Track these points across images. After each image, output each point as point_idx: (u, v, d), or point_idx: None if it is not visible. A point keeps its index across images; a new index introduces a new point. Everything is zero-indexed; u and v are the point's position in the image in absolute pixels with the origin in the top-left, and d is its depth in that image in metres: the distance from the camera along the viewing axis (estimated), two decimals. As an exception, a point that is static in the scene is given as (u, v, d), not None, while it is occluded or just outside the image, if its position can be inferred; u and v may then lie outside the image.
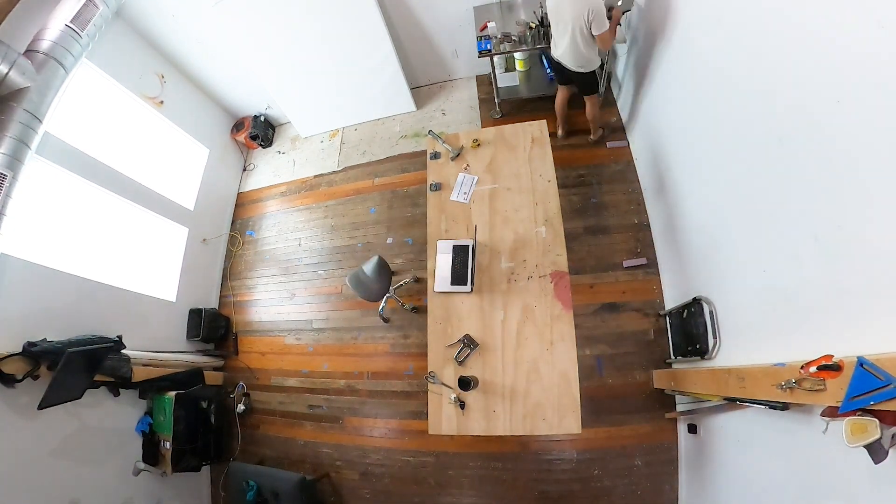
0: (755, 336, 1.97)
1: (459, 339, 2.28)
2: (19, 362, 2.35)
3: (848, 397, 1.23)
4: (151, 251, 3.64)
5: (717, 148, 2.19)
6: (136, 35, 3.51)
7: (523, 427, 2.11)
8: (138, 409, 3.18)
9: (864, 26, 1.21)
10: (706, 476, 2.46)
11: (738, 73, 1.90)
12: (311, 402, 3.52)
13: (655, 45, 2.82)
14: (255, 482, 2.90)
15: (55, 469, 2.57)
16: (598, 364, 2.99)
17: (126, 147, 3.40)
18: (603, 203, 3.42)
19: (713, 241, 2.33)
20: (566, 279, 2.32)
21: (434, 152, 2.87)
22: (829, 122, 1.38)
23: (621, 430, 2.84)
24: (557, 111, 3.52)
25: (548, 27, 3.20)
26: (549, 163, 2.62)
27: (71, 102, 2.88)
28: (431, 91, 4.41)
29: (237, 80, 4.21)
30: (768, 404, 1.68)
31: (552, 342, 2.21)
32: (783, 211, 1.67)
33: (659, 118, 2.95)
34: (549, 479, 2.86)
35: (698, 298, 2.43)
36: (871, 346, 1.23)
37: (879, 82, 1.18)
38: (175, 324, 3.68)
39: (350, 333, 3.61)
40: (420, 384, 3.25)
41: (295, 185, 4.42)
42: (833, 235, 1.41)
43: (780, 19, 1.58)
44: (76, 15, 2.51)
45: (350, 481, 3.23)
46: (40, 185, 2.74)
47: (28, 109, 2.32)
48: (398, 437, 3.23)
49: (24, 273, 2.55)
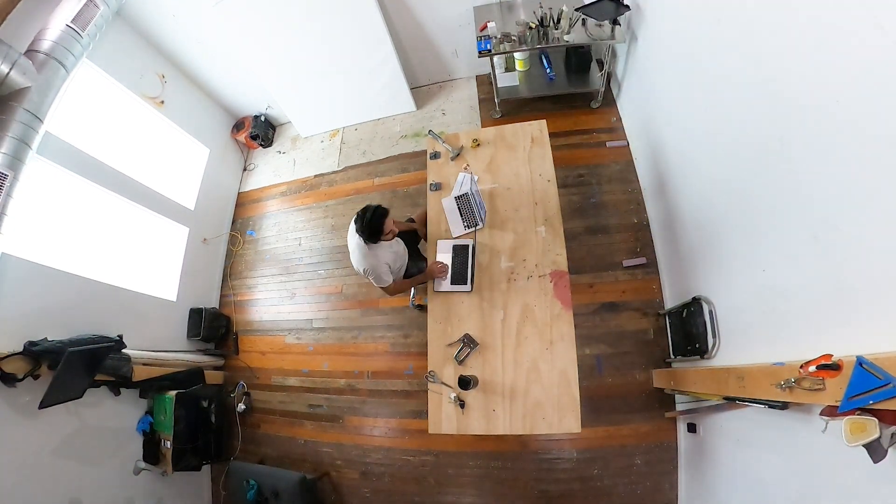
0: (754, 335, 1.97)
1: (459, 339, 2.28)
2: (20, 361, 2.36)
3: (847, 396, 1.23)
4: (152, 251, 3.65)
5: (716, 148, 2.19)
6: (137, 35, 3.51)
7: (523, 426, 2.11)
8: (139, 408, 3.19)
9: (863, 27, 1.21)
10: (706, 475, 2.46)
11: (737, 72, 1.90)
12: (311, 401, 3.53)
13: (654, 45, 2.83)
14: (255, 481, 2.91)
15: (56, 468, 2.57)
16: (597, 363, 2.99)
17: (127, 147, 3.40)
18: (602, 203, 3.42)
19: (713, 241, 2.33)
20: (566, 279, 2.32)
21: (434, 152, 2.87)
22: (828, 122, 1.38)
23: (621, 430, 2.84)
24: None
25: (547, 27, 3.21)
26: (548, 162, 2.62)
27: (72, 102, 2.88)
28: (431, 91, 4.41)
29: (237, 80, 4.21)
30: (768, 403, 1.68)
31: (552, 341, 2.21)
32: (783, 210, 1.67)
33: (659, 118, 2.95)
34: (550, 478, 2.86)
35: (698, 298, 2.44)
36: (870, 346, 1.23)
37: (879, 82, 1.18)
38: (175, 323, 3.68)
39: (350, 333, 3.62)
40: (420, 383, 3.26)
41: (295, 184, 4.42)
42: (832, 235, 1.41)
43: (779, 19, 1.58)
44: (77, 15, 2.51)
45: (350, 480, 3.23)
46: (41, 185, 2.74)
47: (29, 109, 2.32)
48: (398, 436, 3.23)
49: (25, 273, 2.56)
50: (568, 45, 3.24)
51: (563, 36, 3.18)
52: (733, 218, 2.08)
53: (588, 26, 3.14)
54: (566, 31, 3.16)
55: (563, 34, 3.17)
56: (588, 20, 3.09)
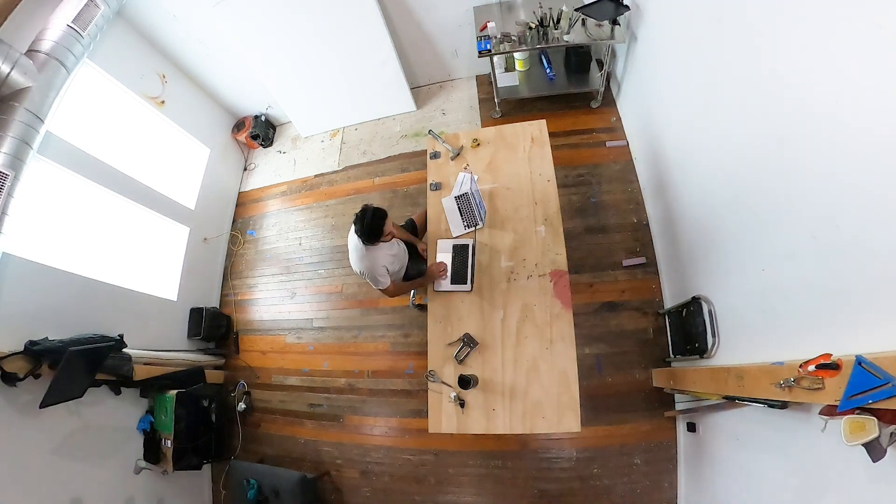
0: (754, 335, 1.98)
1: (459, 338, 2.29)
2: (21, 361, 2.36)
3: (846, 396, 1.23)
4: (153, 250, 3.65)
5: (716, 147, 2.20)
6: (138, 35, 3.51)
7: (523, 425, 2.12)
8: (139, 407, 3.19)
9: (863, 27, 1.21)
10: (705, 474, 2.46)
11: (736, 72, 1.91)
12: (311, 400, 3.53)
13: (654, 45, 2.83)
14: (255, 480, 2.91)
15: (57, 467, 2.57)
16: (597, 363, 2.99)
17: (127, 147, 3.40)
18: (602, 202, 3.42)
19: (712, 241, 2.33)
20: (565, 278, 2.32)
21: (434, 152, 2.88)
22: (827, 122, 1.39)
23: (620, 429, 2.85)
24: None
25: (547, 27, 3.21)
26: (548, 162, 2.62)
27: (72, 102, 2.88)
28: (431, 91, 4.41)
29: (238, 80, 4.21)
30: (767, 403, 1.69)
31: (552, 341, 2.21)
32: (782, 210, 1.67)
33: (658, 117, 2.95)
34: (549, 477, 2.87)
35: (697, 297, 2.44)
36: (869, 345, 1.23)
37: (878, 82, 1.19)
38: (176, 323, 3.69)
39: (350, 332, 3.62)
40: (420, 383, 3.26)
41: (295, 184, 4.42)
42: (831, 235, 1.42)
43: (779, 19, 1.58)
44: (78, 15, 2.52)
45: (350, 479, 3.24)
46: (42, 185, 2.74)
47: (30, 109, 2.33)
48: (398, 435, 3.24)
49: (26, 272, 2.56)
50: (568, 45, 3.25)
51: (563, 36, 3.18)
52: (732, 217, 2.09)
53: (588, 26, 3.14)
54: (566, 31, 3.16)
55: (563, 34, 3.18)
56: (588, 20, 3.10)
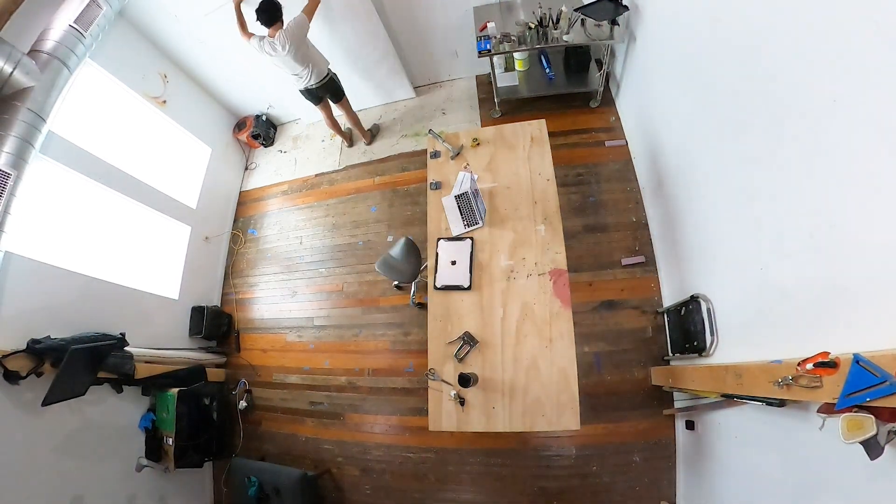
0: (752, 333, 1.99)
1: (459, 337, 2.30)
2: (23, 359, 2.37)
3: (844, 394, 1.23)
4: (154, 249, 3.66)
5: (714, 146, 2.20)
6: (140, 35, 3.52)
7: (522, 423, 2.13)
8: (141, 405, 3.21)
9: (861, 26, 1.22)
10: (704, 472, 2.47)
11: (735, 71, 1.91)
12: (312, 398, 3.55)
13: (653, 44, 2.84)
14: (256, 478, 2.93)
15: (59, 465, 2.59)
16: (596, 361, 3.00)
17: (129, 146, 3.42)
18: (601, 201, 3.43)
19: (711, 240, 2.34)
20: (565, 277, 2.33)
21: (434, 151, 2.89)
22: (825, 121, 1.39)
23: (619, 427, 2.86)
24: (332, 128, 4.09)
25: (546, 27, 3.22)
26: (548, 161, 2.63)
27: (75, 102, 2.90)
28: (431, 91, 4.42)
29: (239, 80, 4.22)
30: (765, 401, 1.69)
31: (551, 339, 2.22)
32: (780, 209, 1.68)
33: (657, 117, 2.96)
34: (548, 475, 2.88)
35: (696, 296, 2.45)
36: (867, 343, 1.24)
37: (875, 81, 1.19)
38: (177, 321, 3.70)
39: (351, 331, 3.64)
40: (420, 381, 3.27)
41: (296, 183, 4.43)
42: (829, 233, 1.42)
43: (777, 18, 1.59)
44: (80, 15, 2.53)
45: (351, 477, 3.25)
46: (44, 184, 2.76)
47: (32, 109, 2.34)
48: (399, 433, 3.25)
49: (29, 271, 2.57)
50: (567, 45, 3.25)
51: (563, 36, 3.19)
52: (731, 216, 2.09)
53: (587, 26, 3.15)
54: (565, 31, 3.17)
55: (563, 34, 3.18)
56: (587, 20, 3.10)
